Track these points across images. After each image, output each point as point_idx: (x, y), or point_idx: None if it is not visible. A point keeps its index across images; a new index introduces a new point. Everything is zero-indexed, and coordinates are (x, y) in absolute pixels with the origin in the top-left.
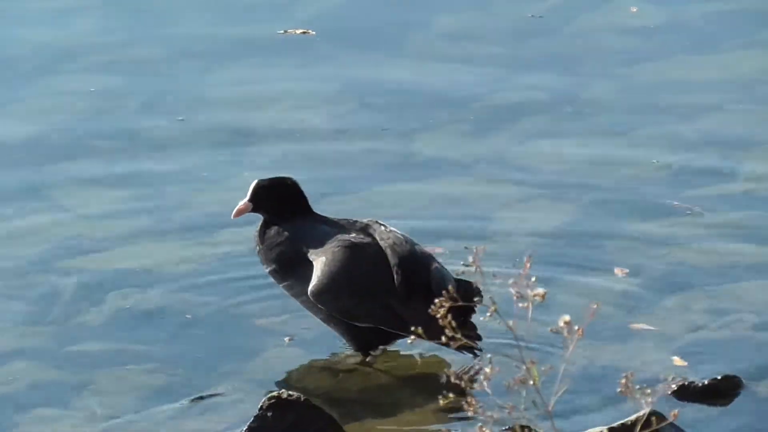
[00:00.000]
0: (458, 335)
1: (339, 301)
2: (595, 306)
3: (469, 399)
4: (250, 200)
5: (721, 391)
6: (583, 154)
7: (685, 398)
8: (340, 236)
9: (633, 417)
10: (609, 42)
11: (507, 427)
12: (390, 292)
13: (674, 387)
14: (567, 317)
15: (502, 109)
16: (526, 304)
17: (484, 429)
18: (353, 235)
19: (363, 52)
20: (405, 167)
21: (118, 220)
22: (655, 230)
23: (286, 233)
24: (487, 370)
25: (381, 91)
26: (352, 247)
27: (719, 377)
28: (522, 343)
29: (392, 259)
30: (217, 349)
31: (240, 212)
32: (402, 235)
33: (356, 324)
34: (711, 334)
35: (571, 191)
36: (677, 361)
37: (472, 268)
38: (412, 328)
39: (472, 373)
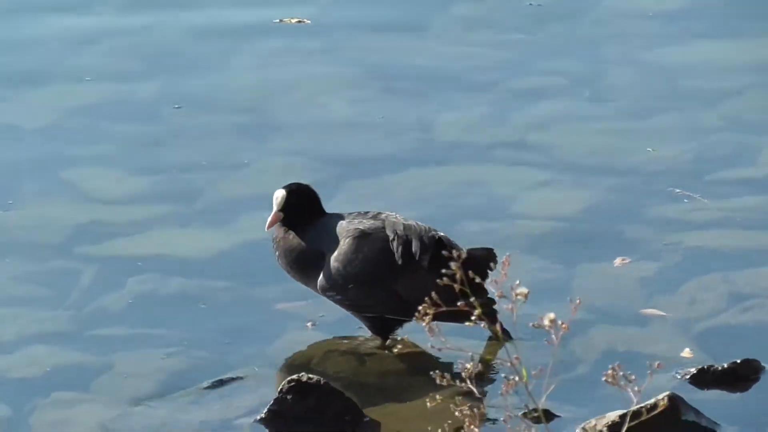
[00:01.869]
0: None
1: (346, 294)
2: (578, 301)
3: (460, 401)
4: (282, 210)
5: (740, 376)
6: (602, 138)
7: (703, 383)
8: (351, 227)
9: (650, 401)
10: (629, 26)
11: (523, 413)
12: (395, 274)
13: (693, 371)
14: (552, 315)
15: (521, 93)
16: (509, 306)
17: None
18: (366, 224)
19: (382, 36)
20: (424, 151)
21: (138, 206)
22: (674, 215)
23: (304, 236)
24: (468, 366)
25: (400, 76)
26: (360, 237)
27: (738, 361)
28: (508, 339)
29: (390, 233)
30: (237, 333)
31: (273, 224)
32: (413, 221)
33: (365, 315)
34: (730, 319)
35: (590, 175)
36: (686, 353)
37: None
38: (419, 312)
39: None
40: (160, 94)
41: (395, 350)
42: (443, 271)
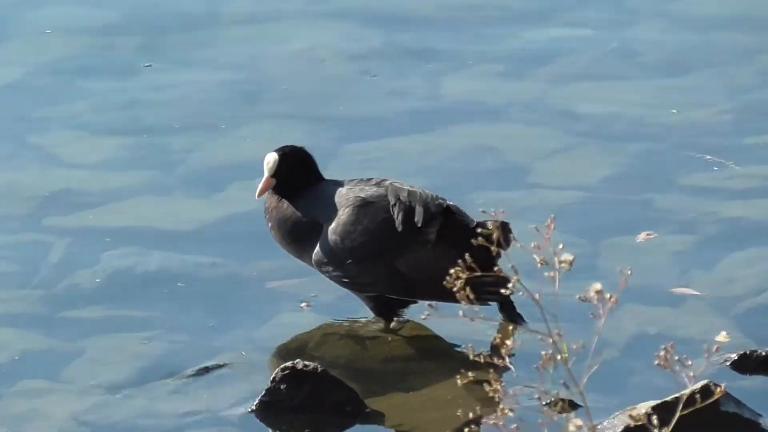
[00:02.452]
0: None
1: (344, 270)
2: (629, 272)
3: (492, 377)
4: (274, 175)
5: None
6: (630, 98)
7: (745, 370)
8: (351, 195)
9: (686, 391)
10: None
11: (545, 404)
12: (399, 248)
13: (734, 357)
14: (598, 285)
15: (539, 47)
16: (551, 273)
17: (506, 410)
18: (368, 191)
19: None
20: (432, 112)
21: (114, 173)
22: (711, 183)
23: (299, 204)
24: (509, 343)
25: (404, 30)
26: (361, 206)
27: None
28: (549, 316)
29: (391, 199)
30: (223, 314)
31: (265, 191)
32: (420, 189)
33: (365, 294)
34: None
35: (616, 139)
36: (722, 337)
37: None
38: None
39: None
40: (136, 49)
41: (401, 333)
42: (479, 230)
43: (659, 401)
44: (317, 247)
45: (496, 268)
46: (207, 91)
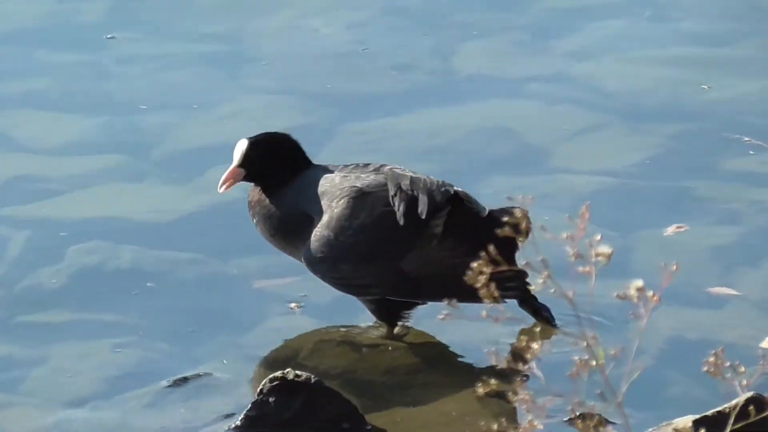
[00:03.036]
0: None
1: (338, 270)
2: (674, 267)
3: (517, 385)
4: (242, 165)
5: None
6: (666, 70)
7: None
8: (347, 184)
9: (731, 404)
10: None
11: (567, 419)
12: (402, 246)
13: None
14: (639, 282)
15: (563, 11)
16: (586, 268)
17: (535, 423)
18: (365, 179)
19: None
20: (441, 88)
21: (78, 156)
22: (755, 168)
23: (285, 196)
24: (535, 346)
25: None
26: (357, 197)
27: None
28: (582, 315)
29: (391, 188)
30: (204, 318)
31: (229, 182)
32: (424, 175)
33: (364, 298)
34: None
35: (649, 118)
36: (766, 343)
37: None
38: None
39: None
40: (102, 16)
41: (405, 340)
42: (504, 219)
43: (699, 415)
44: (307, 245)
45: (518, 262)
46: (184, 64)
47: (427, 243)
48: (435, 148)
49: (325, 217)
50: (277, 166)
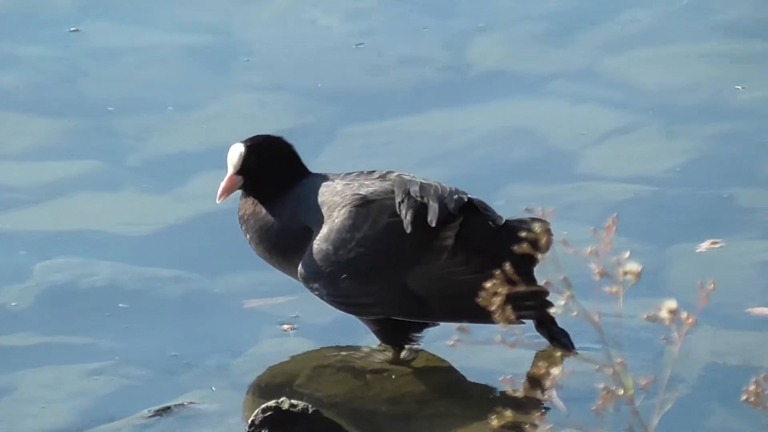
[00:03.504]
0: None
1: (337, 287)
2: (711, 285)
3: (535, 417)
4: (240, 172)
5: None
6: (704, 66)
7: None
8: (349, 193)
9: None
10: None
11: None
12: (408, 261)
13: None
14: (673, 303)
15: (587, 2)
16: (613, 288)
17: None
18: (369, 187)
19: None
20: (453, 85)
21: (47, 163)
22: None
23: (282, 207)
24: (555, 372)
25: None
26: (360, 206)
27: None
28: (608, 340)
29: (399, 195)
30: (189, 341)
31: (228, 191)
32: (436, 182)
33: (366, 318)
34: None
35: (687, 119)
36: None
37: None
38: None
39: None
40: (76, 5)
41: (413, 365)
42: (522, 231)
43: None
44: (304, 259)
45: (536, 279)
46: (165, 59)
47: (436, 257)
48: (446, 152)
49: (324, 229)
50: (276, 174)
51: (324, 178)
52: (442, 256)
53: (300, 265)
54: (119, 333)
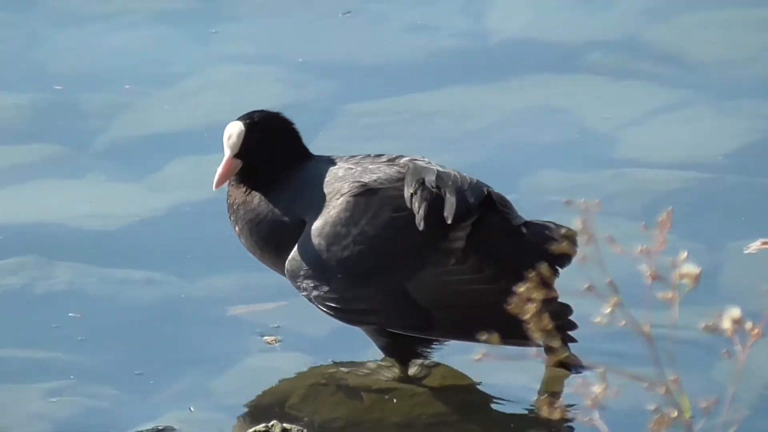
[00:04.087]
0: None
1: (327, 288)
2: None
3: None
4: (239, 154)
5: None
6: (765, 34)
7: None
8: (351, 180)
9: None
10: None
11: None
12: (412, 262)
13: None
14: (736, 311)
15: None
16: (669, 293)
17: None
18: (374, 173)
19: None
20: (472, 56)
21: (4, 147)
22: None
23: (278, 196)
24: (596, 390)
25: None
26: (361, 196)
27: None
28: (661, 353)
29: (409, 185)
30: (164, 355)
31: (226, 177)
32: (454, 170)
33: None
34: None
35: (743, 96)
36: None
37: (579, 231)
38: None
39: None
40: None
41: (426, 383)
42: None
43: None
44: (293, 253)
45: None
46: (137, 25)
47: (444, 261)
48: (463, 134)
49: (318, 221)
50: (275, 157)
51: (329, 161)
52: (449, 260)
53: (288, 260)
54: (80, 346)
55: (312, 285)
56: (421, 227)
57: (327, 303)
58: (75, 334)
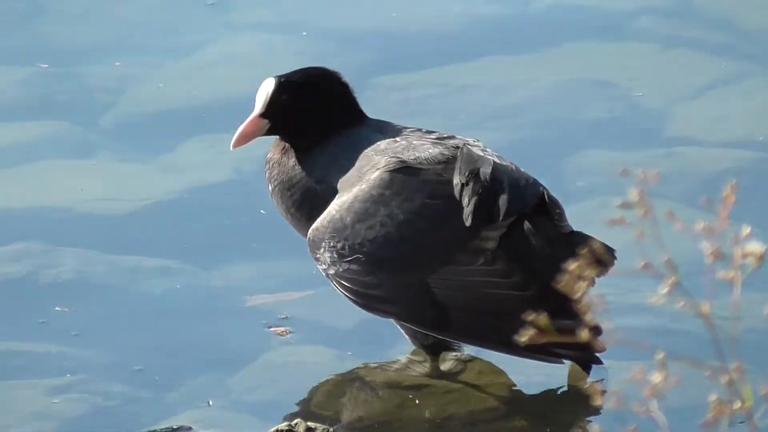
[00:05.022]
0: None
1: (345, 268)
2: None
3: None
4: (266, 114)
5: None
6: None
7: None
8: (391, 153)
9: None
10: None
11: None
12: (442, 254)
13: None
14: None
15: None
16: (730, 273)
17: None
18: (418, 150)
19: None
20: (510, 26)
21: (3, 124)
22: None
23: (318, 161)
24: (655, 379)
25: None
26: (396, 173)
27: None
28: (722, 339)
29: (461, 173)
30: (179, 349)
31: (246, 138)
32: (511, 163)
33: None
34: None
35: None
36: None
37: (634, 207)
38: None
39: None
40: None
41: (461, 379)
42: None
43: None
44: (316, 223)
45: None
46: None
47: (471, 260)
48: (503, 109)
49: (348, 194)
50: (314, 118)
51: (377, 129)
52: (477, 260)
53: (311, 229)
54: (89, 340)
55: (330, 260)
56: (468, 223)
57: (342, 282)
58: (81, 327)
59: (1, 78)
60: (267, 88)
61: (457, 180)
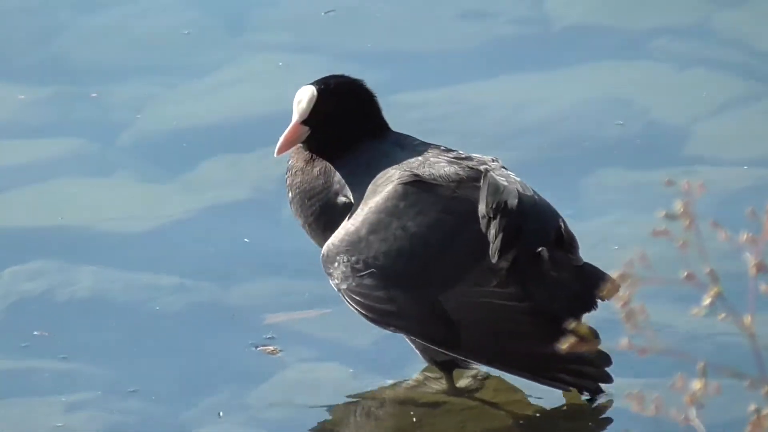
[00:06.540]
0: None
1: (357, 281)
2: None
3: None
4: (308, 121)
5: None
6: None
7: None
8: (406, 167)
9: None
10: None
11: None
12: (455, 272)
13: None
14: None
15: None
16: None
17: None
18: (434, 167)
19: None
20: (530, 44)
21: (21, 141)
22: None
23: (338, 173)
24: (697, 387)
25: None
26: (410, 186)
27: None
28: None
29: (486, 203)
30: (195, 367)
31: (290, 144)
32: (533, 191)
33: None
34: None
35: None
36: None
37: (679, 217)
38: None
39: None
40: None
41: (479, 396)
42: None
43: None
44: (331, 238)
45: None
46: (167, 12)
47: (484, 280)
48: (520, 128)
49: (362, 207)
50: (346, 128)
51: (396, 144)
52: (491, 281)
53: (325, 246)
54: (105, 357)
55: (343, 275)
56: (494, 260)
57: (354, 297)
58: (96, 345)
59: (23, 96)
60: (306, 95)
61: (483, 211)
